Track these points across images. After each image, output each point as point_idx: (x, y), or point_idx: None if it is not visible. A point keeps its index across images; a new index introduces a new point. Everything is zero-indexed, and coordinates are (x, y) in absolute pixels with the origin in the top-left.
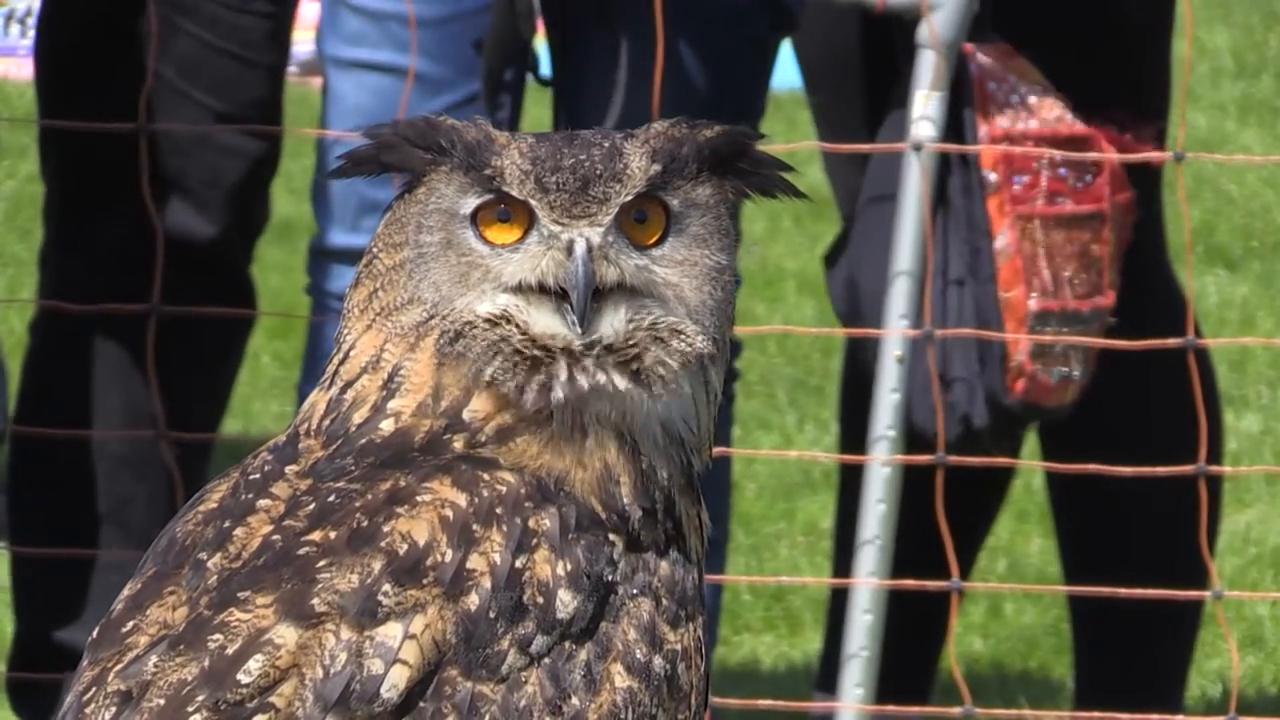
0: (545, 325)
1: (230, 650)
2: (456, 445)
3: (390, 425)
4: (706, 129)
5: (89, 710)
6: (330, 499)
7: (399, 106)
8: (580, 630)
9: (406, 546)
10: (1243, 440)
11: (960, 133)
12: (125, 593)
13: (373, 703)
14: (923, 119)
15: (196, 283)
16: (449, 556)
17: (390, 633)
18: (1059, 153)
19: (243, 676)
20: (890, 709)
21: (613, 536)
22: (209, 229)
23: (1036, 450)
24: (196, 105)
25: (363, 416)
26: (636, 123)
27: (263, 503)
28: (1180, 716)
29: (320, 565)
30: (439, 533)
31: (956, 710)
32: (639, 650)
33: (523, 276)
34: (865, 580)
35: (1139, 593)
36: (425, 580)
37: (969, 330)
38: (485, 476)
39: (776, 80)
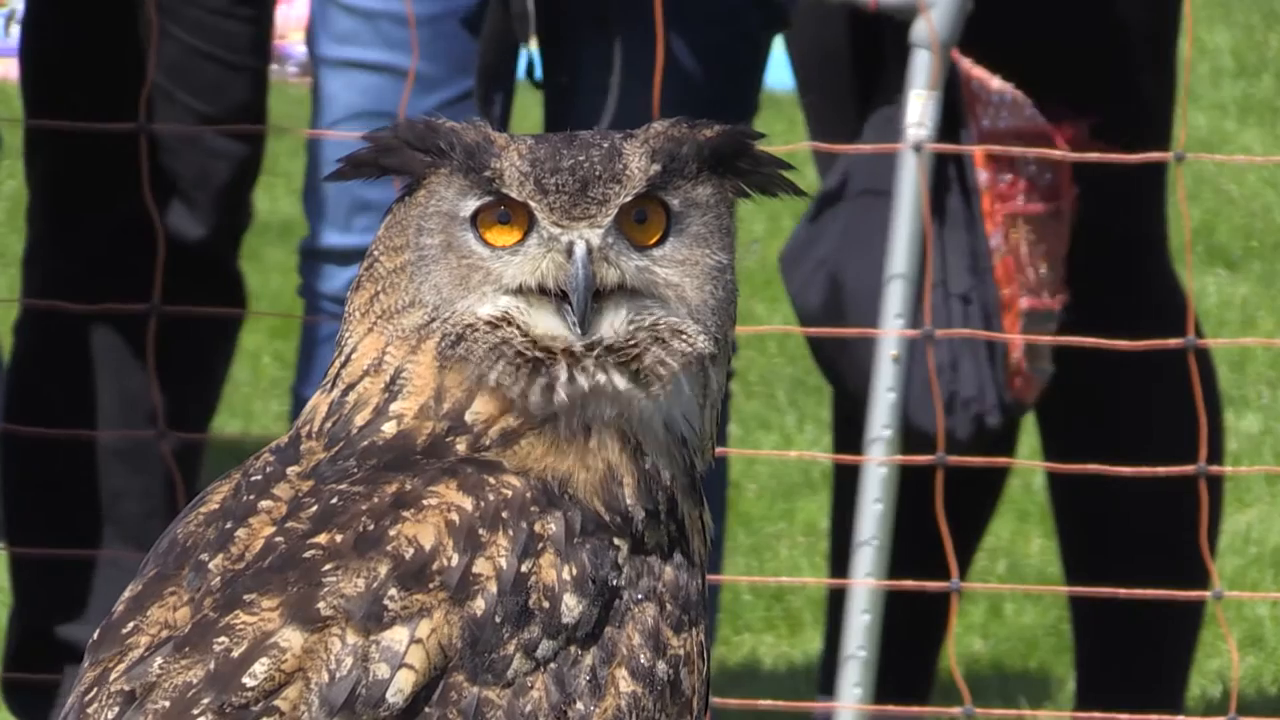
0: (546, 328)
1: (236, 653)
2: (459, 447)
3: (392, 428)
4: (706, 128)
5: (91, 710)
6: (333, 501)
7: (391, 105)
8: (585, 635)
9: (412, 550)
10: (1243, 440)
11: (952, 132)
12: (126, 594)
13: (378, 707)
14: (918, 118)
15: (187, 281)
16: (455, 561)
17: (396, 637)
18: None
19: (248, 680)
20: (890, 709)
21: (617, 541)
22: (198, 228)
23: (1036, 450)
24: (182, 108)
25: (365, 419)
26: (629, 121)
27: (264, 504)
28: (1180, 717)
29: (326, 569)
30: (445, 537)
31: (956, 710)
32: (643, 655)
33: (523, 279)
34: (865, 581)
35: (1138, 593)
36: (431, 584)
37: (967, 330)
38: (491, 480)
39: (777, 80)
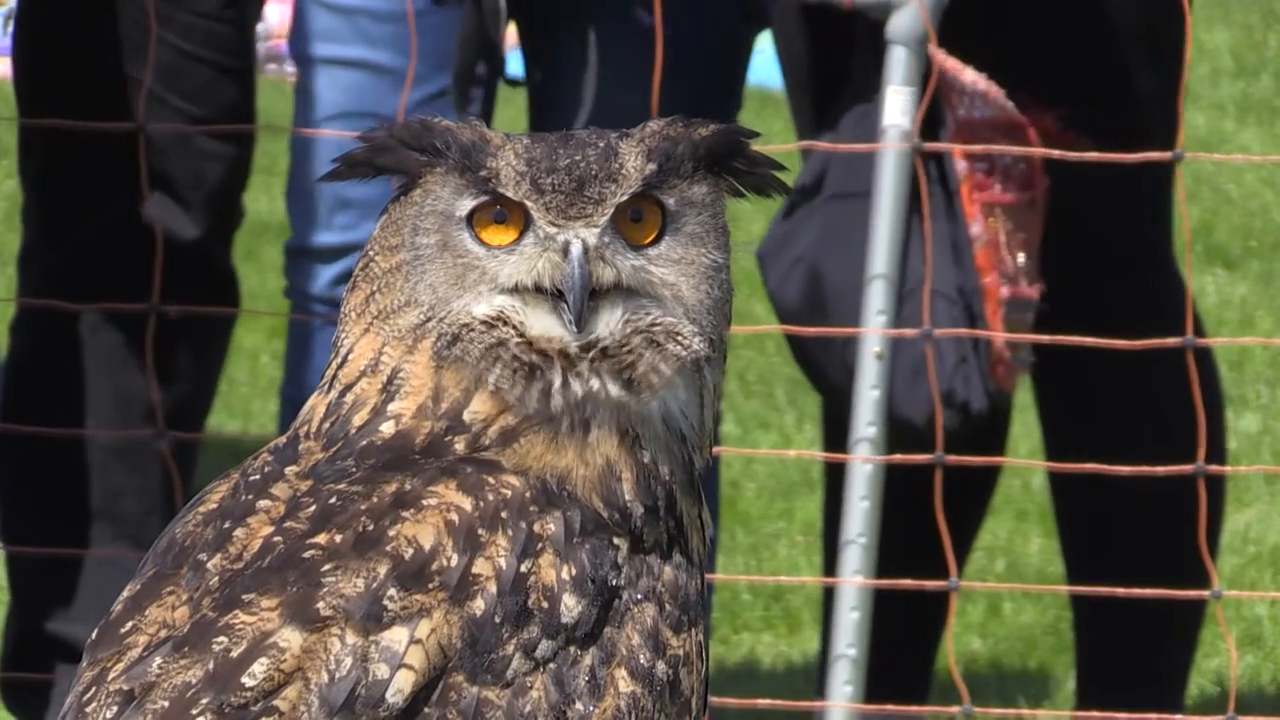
0: (542, 328)
1: (235, 653)
2: (458, 447)
3: (390, 428)
4: (702, 128)
5: (90, 710)
6: (331, 501)
7: (372, 102)
8: (584, 635)
9: (412, 551)
10: (1242, 440)
11: (930, 124)
12: (125, 593)
13: (378, 707)
14: (897, 114)
15: (181, 280)
16: (454, 561)
17: (396, 637)
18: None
19: (247, 680)
20: (889, 709)
21: (617, 540)
22: (191, 229)
23: (1036, 450)
24: (174, 111)
25: (363, 419)
26: (606, 118)
27: (263, 504)
28: (1179, 716)
29: (326, 569)
30: (444, 537)
31: (955, 710)
32: (642, 655)
33: (519, 278)
34: (866, 581)
35: (1137, 592)
36: (431, 585)
37: (966, 330)
38: (490, 480)
39: (775, 79)
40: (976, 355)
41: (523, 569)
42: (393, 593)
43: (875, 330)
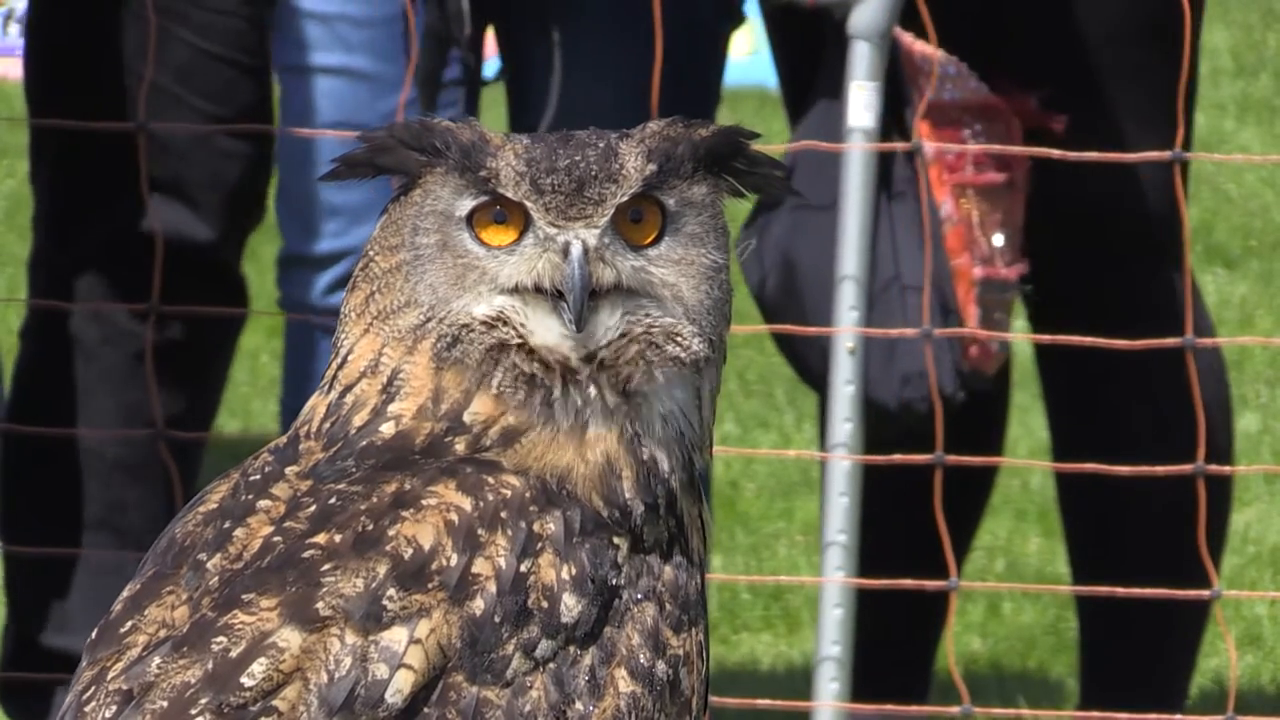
0: (543, 336)
1: (234, 653)
2: (458, 448)
3: (391, 428)
4: (702, 128)
5: (89, 709)
6: (331, 501)
7: (351, 108)
8: (584, 635)
9: (412, 550)
10: (1241, 439)
11: (897, 105)
12: (125, 593)
13: (377, 708)
14: (860, 110)
15: (192, 284)
16: (454, 561)
17: (395, 637)
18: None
19: (246, 680)
20: (889, 709)
21: (617, 540)
22: (207, 231)
23: (1036, 450)
24: (192, 110)
25: (363, 419)
26: (579, 114)
27: (263, 504)
28: (1179, 716)
29: (325, 569)
30: (444, 537)
31: (955, 710)
32: (642, 655)
33: (519, 278)
34: (865, 581)
35: (1137, 592)
36: (430, 584)
37: (966, 330)
38: (490, 480)
39: (774, 81)
40: (948, 341)
41: (522, 569)
42: (392, 593)
43: (875, 330)
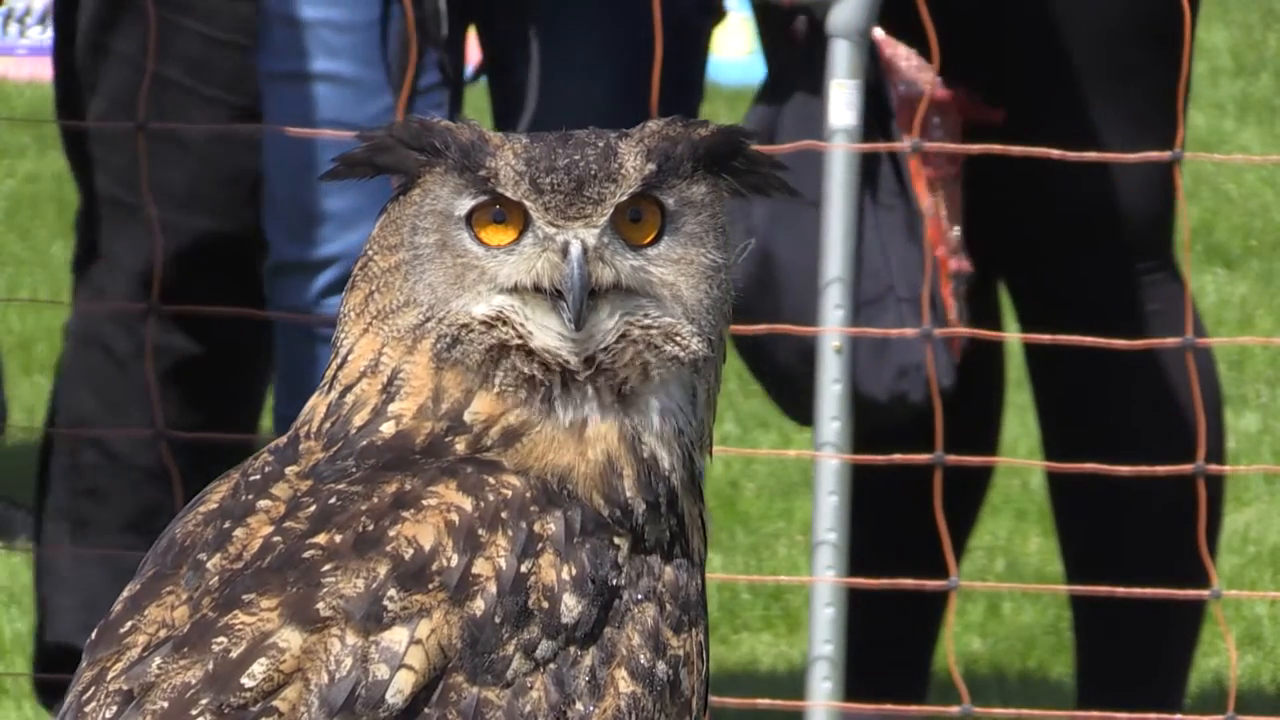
0: (543, 338)
1: (234, 653)
2: (458, 448)
3: (391, 428)
4: (701, 127)
5: (89, 710)
6: (331, 501)
7: (335, 113)
8: (585, 635)
9: (412, 551)
10: (1241, 439)
11: (881, 101)
12: (125, 593)
13: (378, 708)
14: (841, 109)
15: (221, 284)
16: (454, 561)
17: (396, 637)
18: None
19: (247, 680)
20: (889, 709)
21: (618, 540)
22: (231, 227)
23: (1036, 450)
24: (206, 101)
25: (363, 419)
26: (563, 113)
27: (263, 504)
28: (1178, 716)
29: (325, 569)
30: (444, 537)
31: (954, 709)
32: (643, 655)
33: (518, 278)
34: (865, 581)
35: (1135, 592)
36: (431, 585)
37: (966, 330)
38: (490, 480)
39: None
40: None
41: (523, 569)
42: (393, 593)
43: (874, 331)
